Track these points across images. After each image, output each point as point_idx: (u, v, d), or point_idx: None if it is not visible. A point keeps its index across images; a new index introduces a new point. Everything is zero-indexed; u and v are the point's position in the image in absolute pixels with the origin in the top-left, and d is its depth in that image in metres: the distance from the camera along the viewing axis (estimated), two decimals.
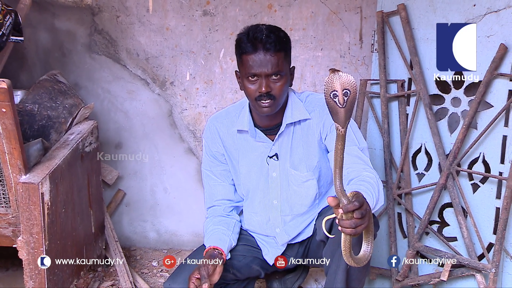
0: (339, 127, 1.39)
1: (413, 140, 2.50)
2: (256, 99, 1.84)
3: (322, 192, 2.03)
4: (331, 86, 1.38)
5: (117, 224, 3.04)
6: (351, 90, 1.38)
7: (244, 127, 1.98)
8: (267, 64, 1.80)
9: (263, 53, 1.80)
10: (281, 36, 1.86)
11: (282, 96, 1.86)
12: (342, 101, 1.38)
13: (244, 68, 1.85)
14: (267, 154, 1.99)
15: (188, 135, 2.96)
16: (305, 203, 2.01)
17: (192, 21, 2.82)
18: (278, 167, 1.99)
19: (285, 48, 1.86)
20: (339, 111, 1.39)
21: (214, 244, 1.94)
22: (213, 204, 2.12)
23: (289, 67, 1.91)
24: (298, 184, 1.99)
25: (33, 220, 2.05)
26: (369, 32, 2.73)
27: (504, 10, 2.18)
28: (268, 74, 1.81)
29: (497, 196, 2.26)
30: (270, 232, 2.08)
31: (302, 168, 1.97)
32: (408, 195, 2.50)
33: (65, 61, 2.91)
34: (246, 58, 1.83)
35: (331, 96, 1.38)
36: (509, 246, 2.23)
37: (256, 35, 1.81)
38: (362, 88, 2.56)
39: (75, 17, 2.86)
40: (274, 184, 2.01)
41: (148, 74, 2.91)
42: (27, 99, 2.39)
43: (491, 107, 2.26)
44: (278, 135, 1.96)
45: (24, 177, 2.05)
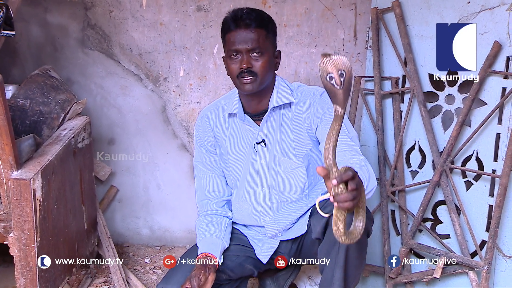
0: (338, 108, 1.38)
1: (407, 137, 2.50)
2: (237, 76, 1.89)
3: (311, 183, 2.02)
4: (326, 70, 1.38)
5: (110, 221, 3.03)
6: (346, 71, 1.37)
7: (233, 110, 2.01)
8: (247, 40, 1.86)
9: (243, 29, 1.87)
10: (264, 15, 1.93)
11: (264, 74, 1.89)
12: (339, 82, 1.37)
13: (227, 46, 1.92)
14: (255, 140, 1.99)
15: (181, 131, 2.95)
16: (295, 191, 2.01)
17: (186, 17, 2.81)
18: (266, 154, 2.00)
19: (267, 26, 1.91)
20: (338, 93, 1.38)
21: (207, 250, 1.94)
22: (204, 197, 2.12)
23: (273, 49, 1.96)
24: (287, 171, 1.99)
25: (25, 216, 2.04)
26: (363, 29, 2.72)
27: (498, 7, 2.18)
28: (248, 49, 1.86)
29: (490, 194, 2.26)
30: (259, 221, 2.07)
31: (291, 155, 1.98)
32: (401, 193, 2.50)
33: (58, 56, 2.88)
34: (228, 36, 1.90)
35: (327, 79, 1.38)
36: (502, 244, 2.24)
37: (237, 13, 1.90)
38: (356, 85, 2.56)
39: (68, 11, 2.83)
40: (263, 171, 2.02)
41: (141, 70, 2.89)
42: (19, 94, 2.37)
43: (485, 105, 2.26)
44: (265, 119, 1.97)
45: (16, 173, 2.04)
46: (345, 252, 1.72)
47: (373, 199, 2.58)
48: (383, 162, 2.51)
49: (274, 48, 1.97)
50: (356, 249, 1.72)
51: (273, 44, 1.96)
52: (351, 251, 1.72)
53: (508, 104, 2.19)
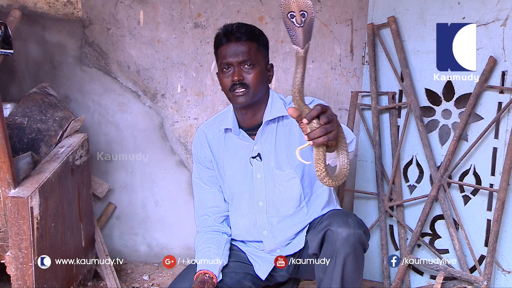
0: (298, 49, 1.38)
1: (404, 152, 2.50)
2: (230, 89, 1.89)
3: (307, 194, 2.02)
4: (288, 7, 1.38)
5: (108, 238, 3.02)
6: (308, 12, 1.38)
7: (228, 125, 2.01)
8: (238, 52, 1.87)
9: (234, 42, 1.88)
10: (254, 29, 1.94)
11: (256, 86, 1.90)
12: (299, 21, 1.37)
13: (219, 60, 1.93)
14: (250, 154, 2.00)
15: (179, 148, 2.95)
16: (291, 203, 2.00)
17: (183, 34, 2.82)
18: (262, 168, 2.00)
19: (257, 39, 1.92)
20: (297, 31, 1.38)
21: (205, 267, 1.93)
22: (203, 213, 2.11)
23: (265, 62, 1.96)
24: (283, 184, 1.99)
25: (22, 234, 2.03)
26: (360, 44, 2.74)
27: (493, 23, 2.20)
28: (240, 62, 1.87)
29: (488, 208, 2.26)
30: (257, 236, 2.06)
31: (286, 167, 1.98)
32: (399, 207, 2.49)
33: (56, 74, 2.89)
34: (220, 50, 1.91)
35: (288, 16, 1.38)
36: (501, 259, 2.23)
37: (228, 28, 1.91)
38: (353, 100, 2.57)
39: (66, 29, 2.85)
40: (259, 186, 2.01)
41: (139, 87, 2.90)
42: (17, 112, 2.37)
43: (481, 119, 2.27)
44: (259, 133, 1.98)
45: (13, 191, 2.03)
46: (341, 267, 1.71)
47: (371, 214, 2.58)
48: (381, 177, 2.51)
49: (266, 61, 1.97)
50: (353, 264, 1.71)
51: (264, 57, 1.96)
52: (348, 266, 1.71)
53: (505, 119, 2.20)
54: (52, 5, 2.82)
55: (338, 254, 1.70)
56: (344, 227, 1.69)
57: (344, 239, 1.68)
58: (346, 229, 1.69)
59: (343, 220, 1.72)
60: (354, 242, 1.69)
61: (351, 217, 1.75)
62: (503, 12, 2.17)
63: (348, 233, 1.69)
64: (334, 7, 2.73)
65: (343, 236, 1.69)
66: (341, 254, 1.69)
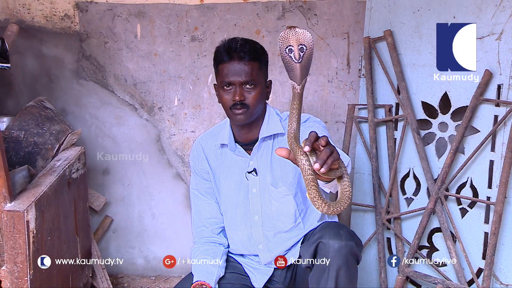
0: (295, 85, 1.37)
1: (401, 165, 2.50)
2: (230, 108, 1.89)
3: (302, 210, 2.02)
4: (287, 41, 1.37)
5: (104, 251, 3.00)
6: (307, 46, 1.37)
7: (224, 141, 2.01)
8: (241, 73, 1.86)
9: (237, 61, 1.86)
10: (257, 47, 1.93)
11: (255, 105, 1.90)
12: (297, 56, 1.36)
13: (220, 77, 1.91)
14: (246, 169, 1.99)
15: (176, 161, 2.95)
16: (286, 220, 2.00)
17: (180, 47, 2.83)
18: (258, 183, 2.00)
19: (260, 58, 1.92)
20: (295, 67, 1.37)
21: (202, 278, 1.93)
22: (201, 224, 2.11)
23: (265, 79, 1.96)
24: (278, 200, 1.99)
25: (18, 249, 2.02)
26: (356, 58, 2.75)
27: (488, 37, 2.21)
28: (242, 82, 1.87)
29: (485, 221, 2.26)
30: (253, 250, 2.06)
31: (280, 184, 1.98)
32: (397, 220, 2.49)
33: (53, 87, 2.90)
34: (221, 67, 1.90)
35: (286, 51, 1.37)
36: (498, 272, 2.23)
37: (231, 45, 1.89)
38: (350, 113, 2.57)
39: (63, 43, 2.86)
40: (255, 200, 2.01)
41: (136, 100, 2.90)
42: (13, 126, 2.37)
43: (478, 132, 2.28)
44: (255, 149, 1.98)
45: (9, 205, 2.02)
46: (335, 280, 1.70)
47: (368, 227, 2.58)
48: (378, 189, 2.51)
49: (266, 78, 1.98)
50: (345, 276, 1.70)
51: (265, 75, 1.97)
52: (340, 278, 1.70)
53: (501, 132, 2.21)
54: (49, 19, 2.83)
55: (331, 267, 1.69)
56: (336, 239, 1.69)
57: (336, 251, 1.68)
58: (337, 241, 1.68)
59: (335, 232, 1.72)
60: (346, 253, 1.69)
61: (342, 229, 1.74)
62: (498, 26, 2.18)
63: (340, 245, 1.68)
64: (330, 21, 2.74)
65: (335, 248, 1.68)
66: (334, 266, 1.69)
